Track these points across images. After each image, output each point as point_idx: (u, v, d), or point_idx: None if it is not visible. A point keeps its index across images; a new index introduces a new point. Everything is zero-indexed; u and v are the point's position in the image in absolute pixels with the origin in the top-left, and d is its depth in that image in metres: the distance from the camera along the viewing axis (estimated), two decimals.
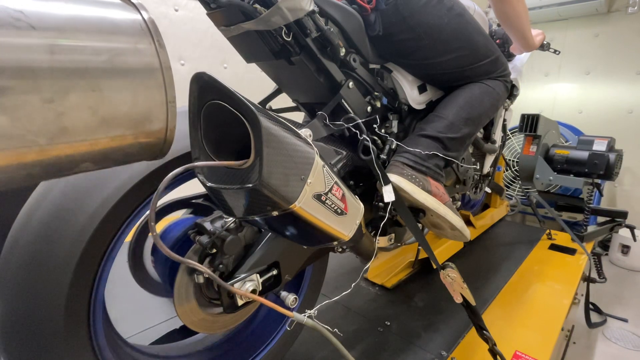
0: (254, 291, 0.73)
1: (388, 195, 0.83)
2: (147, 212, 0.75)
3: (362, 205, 0.72)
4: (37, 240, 0.57)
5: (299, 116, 1.02)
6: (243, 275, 0.73)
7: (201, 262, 0.73)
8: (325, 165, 0.61)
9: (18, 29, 0.36)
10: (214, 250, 0.73)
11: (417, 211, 0.98)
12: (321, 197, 0.60)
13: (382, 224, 0.88)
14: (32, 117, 0.37)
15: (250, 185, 0.52)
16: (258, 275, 0.75)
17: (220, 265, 0.73)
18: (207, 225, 0.72)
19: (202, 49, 2.26)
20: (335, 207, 0.64)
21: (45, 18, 0.38)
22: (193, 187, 0.85)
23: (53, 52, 0.38)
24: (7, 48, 0.35)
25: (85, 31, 0.40)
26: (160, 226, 0.84)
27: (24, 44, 0.36)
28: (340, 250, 0.94)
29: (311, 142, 0.60)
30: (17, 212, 0.61)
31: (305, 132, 0.72)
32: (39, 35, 0.37)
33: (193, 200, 0.89)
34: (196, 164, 0.54)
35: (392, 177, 0.86)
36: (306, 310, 0.70)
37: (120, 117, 0.43)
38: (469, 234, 1.03)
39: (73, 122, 0.40)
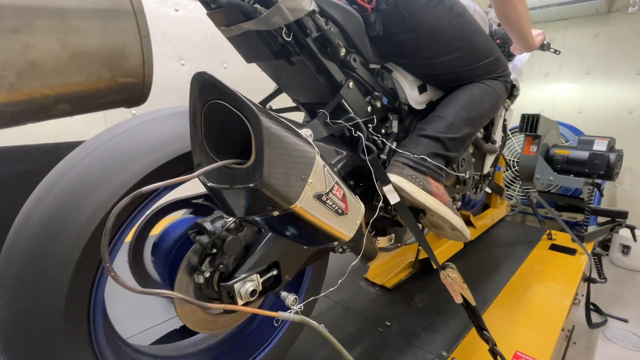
0: (254, 291, 0.73)
1: (390, 195, 0.83)
2: (147, 211, 0.75)
3: (362, 205, 0.72)
4: (37, 240, 0.57)
5: (299, 116, 1.02)
6: (243, 275, 0.73)
7: (201, 262, 0.73)
8: (326, 165, 0.61)
9: None
10: (214, 250, 0.73)
11: (417, 211, 0.98)
12: (322, 197, 0.60)
13: (372, 220, 0.86)
14: None
15: (250, 185, 0.52)
16: (258, 275, 0.75)
17: (221, 266, 0.73)
18: (208, 225, 0.72)
19: (202, 49, 2.26)
20: (336, 207, 0.64)
21: None
22: (193, 187, 0.85)
23: None
24: None
25: None
26: (160, 226, 0.85)
27: None
28: (340, 250, 0.94)
29: (312, 142, 0.60)
30: (17, 212, 0.61)
31: (305, 132, 0.72)
32: None
33: (193, 200, 0.89)
34: (143, 189, 0.49)
35: (393, 177, 0.86)
36: (292, 307, 0.70)
37: (91, 51, 0.40)
38: (469, 234, 1.03)
39: (42, 56, 0.37)
